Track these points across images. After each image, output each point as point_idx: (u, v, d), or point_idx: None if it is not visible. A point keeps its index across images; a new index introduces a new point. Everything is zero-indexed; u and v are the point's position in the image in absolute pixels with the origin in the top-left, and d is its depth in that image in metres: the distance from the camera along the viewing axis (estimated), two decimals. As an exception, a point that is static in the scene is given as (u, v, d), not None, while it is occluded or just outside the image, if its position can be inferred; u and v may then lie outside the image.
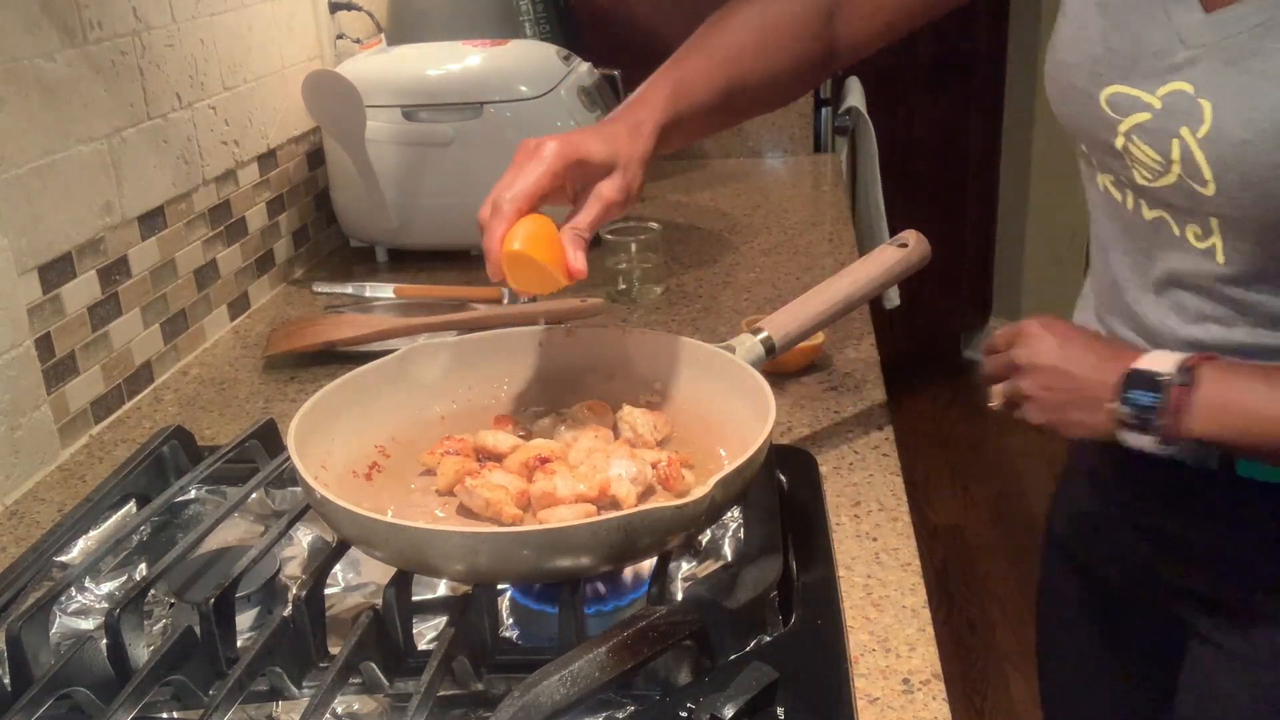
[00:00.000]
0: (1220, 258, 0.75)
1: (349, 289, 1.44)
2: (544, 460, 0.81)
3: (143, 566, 0.84)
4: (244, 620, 0.77)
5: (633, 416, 0.86)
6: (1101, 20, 0.78)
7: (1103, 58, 0.78)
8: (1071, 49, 0.81)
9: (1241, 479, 0.80)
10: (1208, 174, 0.71)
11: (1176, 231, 0.78)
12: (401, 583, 0.71)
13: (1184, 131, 0.72)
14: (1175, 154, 0.73)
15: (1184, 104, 0.72)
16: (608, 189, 0.81)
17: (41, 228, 1.02)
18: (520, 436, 0.87)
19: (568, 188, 0.82)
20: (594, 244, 1.51)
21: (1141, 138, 0.75)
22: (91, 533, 0.87)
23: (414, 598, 0.74)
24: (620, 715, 0.66)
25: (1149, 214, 0.80)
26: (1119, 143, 0.78)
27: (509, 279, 0.79)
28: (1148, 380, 0.74)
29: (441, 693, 0.67)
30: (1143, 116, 0.75)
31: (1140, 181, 0.78)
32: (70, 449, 1.07)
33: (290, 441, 0.76)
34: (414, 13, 1.65)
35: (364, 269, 1.57)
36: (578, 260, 0.79)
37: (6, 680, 0.70)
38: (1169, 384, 0.73)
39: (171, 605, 0.79)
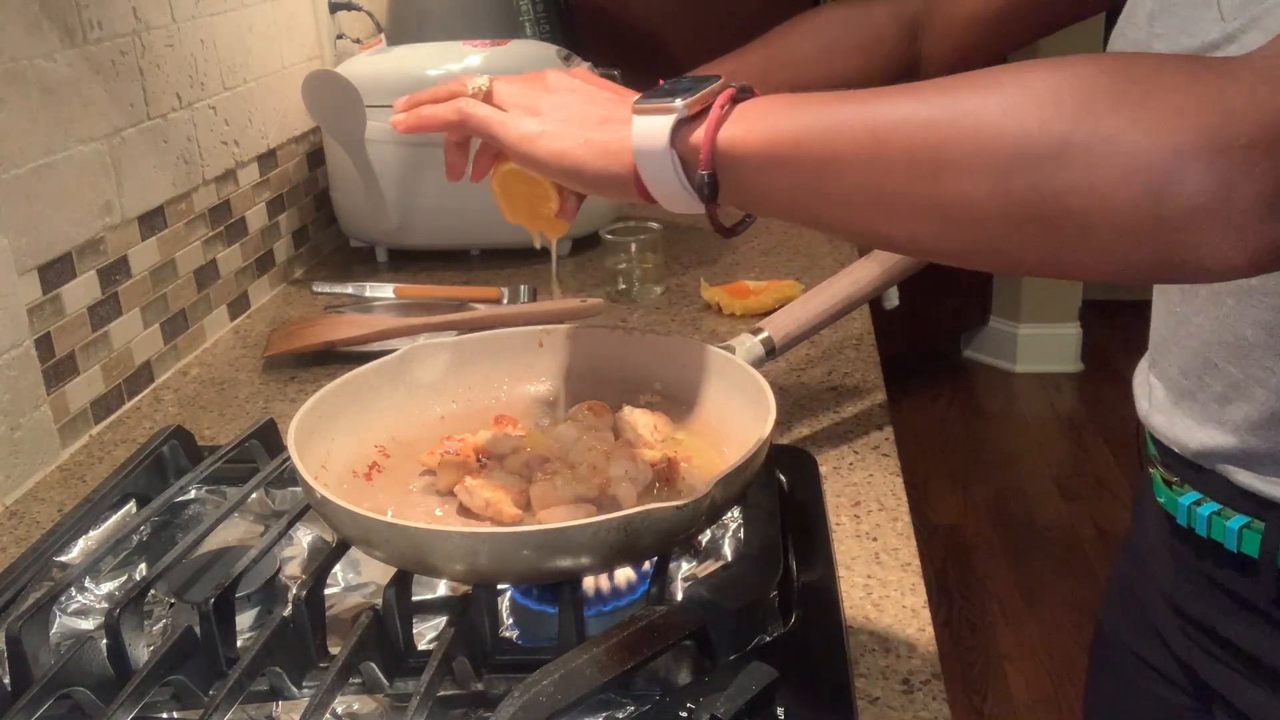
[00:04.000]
0: None
1: (349, 289, 1.44)
2: (544, 460, 0.81)
3: (143, 566, 0.84)
4: (244, 620, 0.77)
5: (633, 416, 0.86)
6: (1151, 4, 0.72)
7: (1142, 42, 0.72)
8: (1120, 39, 0.76)
9: None
10: None
11: None
12: (401, 583, 0.72)
13: None
14: None
15: None
16: None
17: (41, 228, 1.02)
18: (520, 436, 0.87)
19: None
20: (593, 244, 1.52)
21: None
22: (91, 533, 0.87)
23: (414, 598, 0.74)
24: (620, 715, 0.66)
25: None
26: None
27: (500, 198, 0.77)
28: (685, 80, 0.64)
29: (441, 693, 0.67)
30: None
31: None
32: (70, 449, 1.07)
33: (290, 441, 0.76)
34: (414, 13, 1.65)
35: (364, 269, 1.57)
36: (569, 208, 0.75)
37: (6, 680, 0.70)
38: (710, 82, 0.63)
39: (171, 605, 0.79)
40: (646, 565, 0.77)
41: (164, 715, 0.69)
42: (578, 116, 0.67)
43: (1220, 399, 0.73)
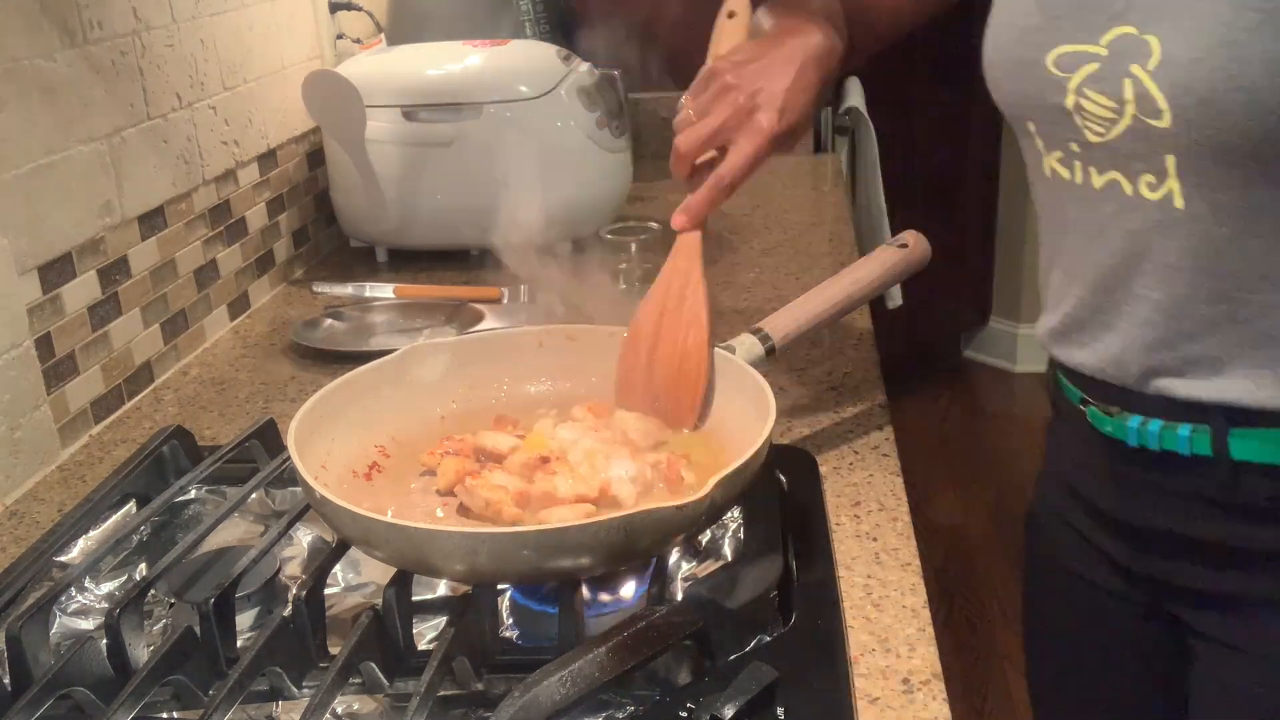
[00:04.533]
0: (1179, 201, 0.74)
1: (349, 289, 1.44)
2: (544, 460, 0.81)
3: (143, 566, 0.84)
4: (244, 620, 0.77)
5: (625, 421, 0.86)
6: None
7: (1044, 26, 0.78)
8: (1008, 27, 0.82)
9: (1237, 463, 0.78)
10: (1162, 103, 0.71)
11: (1129, 190, 0.76)
12: (401, 583, 0.71)
13: (1134, 69, 0.72)
14: (1129, 93, 0.73)
15: (1130, 44, 0.73)
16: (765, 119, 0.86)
17: (41, 228, 1.02)
18: (519, 436, 0.87)
19: None
20: (594, 243, 1.52)
21: (1093, 87, 0.75)
22: (91, 533, 0.87)
23: (414, 598, 0.74)
24: (620, 715, 0.66)
25: (1099, 181, 0.78)
26: (1069, 101, 0.77)
27: None
28: None
29: (441, 693, 0.67)
30: (1091, 67, 0.75)
31: (1092, 139, 0.77)
32: (70, 449, 1.07)
33: (290, 441, 0.76)
34: (414, 13, 1.65)
35: (364, 269, 1.57)
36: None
37: (6, 680, 0.70)
38: None
39: (171, 605, 0.79)
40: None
41: (164, 715, 0.69)
42: None
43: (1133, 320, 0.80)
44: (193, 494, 0.92)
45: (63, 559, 0.84)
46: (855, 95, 2.10)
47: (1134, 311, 0.79)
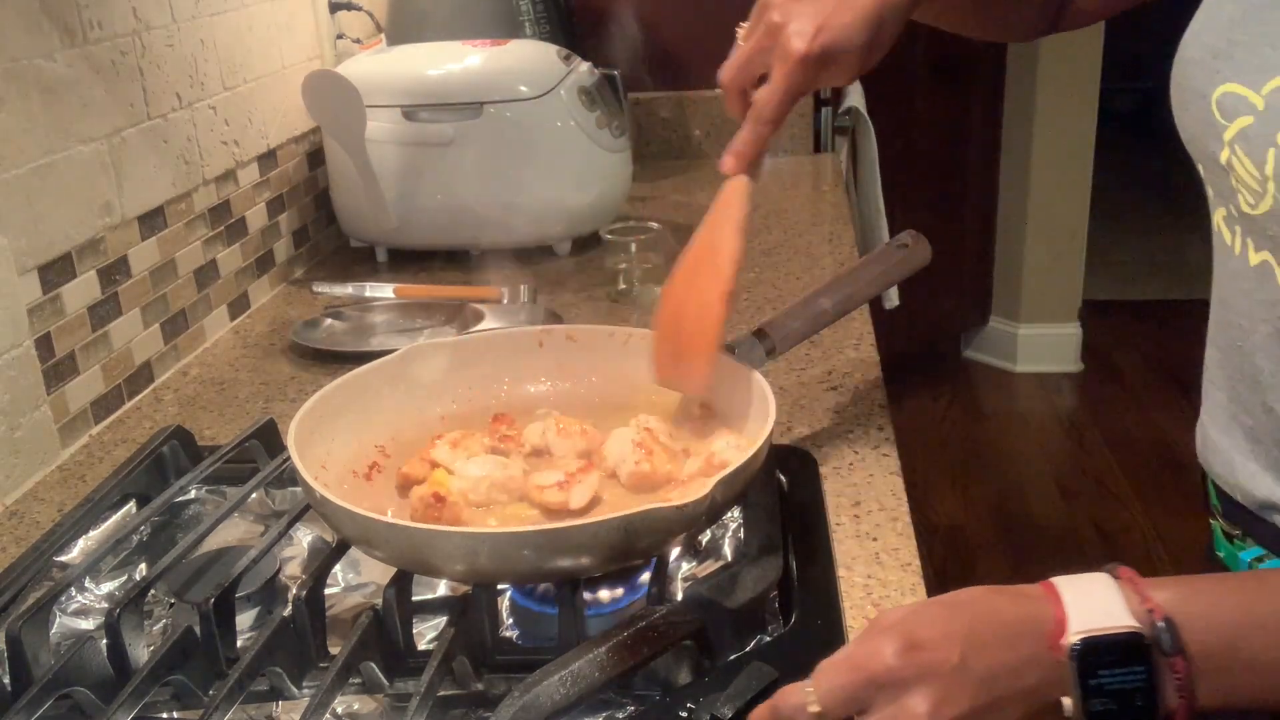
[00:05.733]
0: None
1: (349, 289, 1.44)
2: (438, 498, 0.78)
3: (143, 566, 0.84)
4: (244, 620, 0.77)
5: (618, 446, 0.83)
6: (1233, 6, 0.63)
7: (1223, 51, 0.63)
8: (1194, 43, 0.66)
9: None
10: None
11: None
12: (401, 583, 0.72)
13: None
14: (1270, 166, 0.58)
15: None
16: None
17: (41, 228, 1.02)
18: (511, 434, 0.87)
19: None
20: (594, 244, 1.52)
21: (1243, 147, 0.60)
22: (91, 533, 0.87)
23: (414, 598, 0.74)
24: (620, 715, 0.66)
25: (1254, 258, 0.63)
26: (1224, 156, 0.62)
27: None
28: (1117, 648, 0.53)
29: (441, 693, 0.67)
30: (1245, 120, 0.60)
31: (1244, 207, 0.62)
32: (70, 449, 1.07)
33: (290, 441, 0.76)
34: (414, 13, 1.65)
35: (364, 269, 1.57)
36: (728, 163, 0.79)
37: (6, 680, 0.70)
38: (1155, 651, 0.53)
39: (171, 605, 0.79)
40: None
41: (164, 715, 0.69)
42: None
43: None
44: (193, 494, 0.92)
45: (63, 559, 0.84)
46: (855, 95, 2.10)
47: (1268, 427, 0.66)
